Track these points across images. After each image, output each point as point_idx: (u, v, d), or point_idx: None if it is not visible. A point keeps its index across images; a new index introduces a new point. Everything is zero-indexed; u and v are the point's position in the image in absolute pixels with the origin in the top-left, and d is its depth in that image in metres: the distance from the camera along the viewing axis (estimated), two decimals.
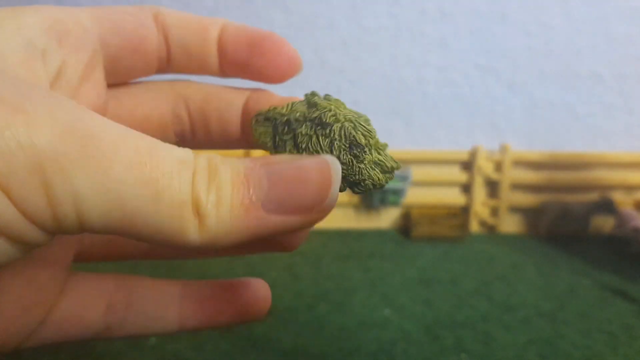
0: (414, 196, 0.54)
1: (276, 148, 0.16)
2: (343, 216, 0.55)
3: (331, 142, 0.15)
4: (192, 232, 0.12)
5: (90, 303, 0.17)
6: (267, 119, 0.16)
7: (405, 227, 0.54)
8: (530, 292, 0.42)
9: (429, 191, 0.54)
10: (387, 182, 0.16)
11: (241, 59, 0.18)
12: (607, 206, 0.52)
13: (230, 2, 0.50)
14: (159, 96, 0.19)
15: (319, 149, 0.15)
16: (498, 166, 0.53)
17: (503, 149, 0.53)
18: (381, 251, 0.49)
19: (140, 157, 0.12)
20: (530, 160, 0.53)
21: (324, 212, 0.14)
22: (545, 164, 0.54)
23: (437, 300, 0.41)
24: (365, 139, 0.15)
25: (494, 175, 0.53)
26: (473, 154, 0.53)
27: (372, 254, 0.49)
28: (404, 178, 0.52)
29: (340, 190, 0.15)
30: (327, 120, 0.15)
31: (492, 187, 0.54)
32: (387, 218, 0.55)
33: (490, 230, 0.54)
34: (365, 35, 0.51)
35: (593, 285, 0.44)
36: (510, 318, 0.38)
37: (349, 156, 0.15)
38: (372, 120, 0.16)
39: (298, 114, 0.15)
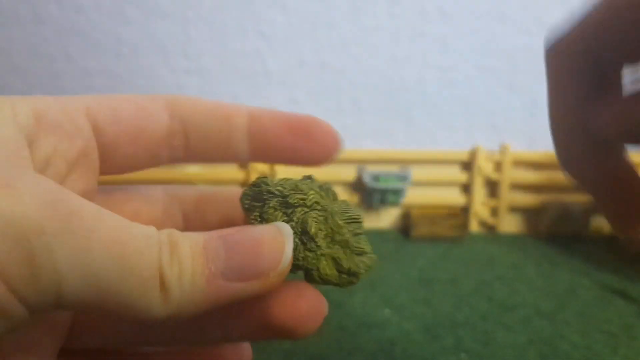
0: (414, 196, 0.54)
1: (247, 211, 0.17)
2: None
3: (288, 222, 0.16)
4: (158, 305, 0.13)
5: None
6: (253, 184, 0.17)
7: (405, 227, 0.54)
8: (530, 292, 0.42)
9: (428, 191, 0.54)
10: (342, 283, 0.16)
11: (285, 145, 0.18)
12: None
13: (230, 2, 0.50)
14: (150, 193, 0.19)
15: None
16: (498, 166, 0.53)
17: (503, 149, 0.53)
18: (381, 251, 0.49)
19: (116, 235, 0.12)
20: (530, 160, 0.53)
21: (280, 276, 0.14)
22: (545, 164, 0.54)
23: (437, 300, 0.41)
24: (322, 231, 0.16)
25: (494, 176, 0.53)
26: (473, 154, 0.53)
27: None
28: (404, 178, 0.52)
29: (292, 271, 0.15)
30: (293, 202, 0.16)
31: (492, 187, 0.54)
32: (387, 218, 0.55)
33: (490, 230, 0.54)
34: (365, 35, 0.51)
35: (593, 285, 0.44)
36: (510, 318, 0.38)
37: (296, 239, 0.16)
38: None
39: (278, 188, 0.16)
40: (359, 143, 0.54)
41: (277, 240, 0.14)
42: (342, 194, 0.54)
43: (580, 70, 0.17)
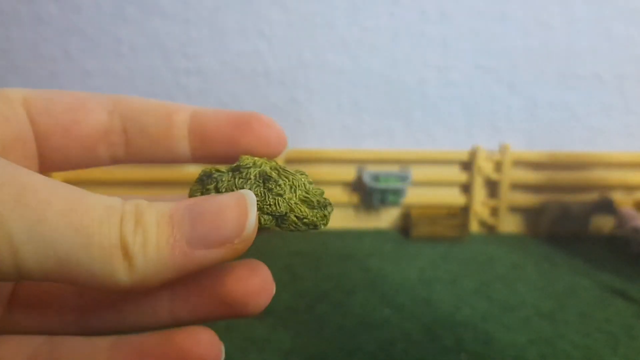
0: (414, 196, 0.54)
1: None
2: (343, 216, 0.55)
3: (245, 182, 0.16)
4: (122, 274, 0.13)
5: (11, 356, 0.16)
6: (199, 177, 0.17)
7: (405, 227, 0.54)
8: (530, 292, 0.42)
9: (428, 191, 0.54)
10: (319, 220, 0.16)
11: (226, 139, 0.18)
12: (607, 206, 0.52)
13: (230, 2, 0.50)
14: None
15: (234, 188, 0.16)
16: (498, 166, 0.53)
17: (503, 149, 0.53)
18: (381, 251, 0.50)
19: (71, 205, 0.13)
20: (530, 160, 0.53)
21: (244, 242, 0.14)
22: (545, 164, 0.54)
23: (437, 300, 0.41)
24: (285, 180, 0.16)
25: (494, 176, 0.53)
26: (473, 154, 0.53)
27: (372, 254, 0.49)
28: (404, 178, 0.52)
29: (264, 224, 0.16)
30: (243, 164, 0.16)
31: (492, 187, 0.54)
32: (387, 218, 0.55)
33: (490, 230, 0.54)
34: (365, 35, 0.51)
35: (593, 285, 0.44)
36: (510, 318, 0.38)
37: (261, 189, 0.16)
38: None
39: (223, 168, 0.17)
40: (359, 143, 0.54)
41: (240, 206, 0.14)
42: (342, 194, 0.54)
43: None
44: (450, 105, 0.53)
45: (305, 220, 0.16)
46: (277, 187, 0.16)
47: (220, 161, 0.18)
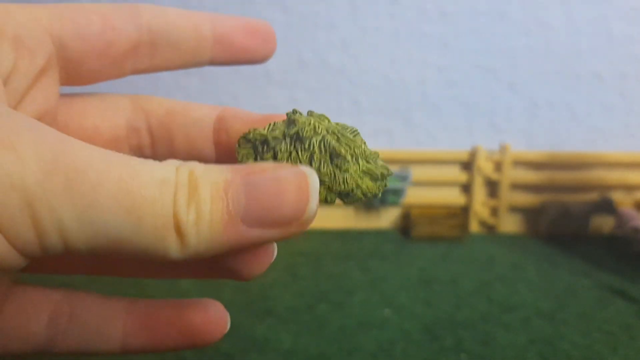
0: (414, 196, 0.54)
1: (250, 157, 0.16)
2: (343, 216, 0.55)
3: (311, 156, 0.15)
4: (174, 251, 0.13)
5: (33, 312, 0.17)
6: (247, 140, 0.16)
7: (405, 227, 0.54)
8: (530, 292, 0.42)
9: (429, 191, 0.54)
10: (380, 191, 0.16)
11: (242, 47, 0.19)
12: (607, 206, 0.52)
13: (230, 2, 0.50)
14: (113, 107, 0.19)
15: (297, 162, 0.15)
16: (498, 166, 0.53)
17: (503, 149, 0.53)
18: (381, 251, 0.50)
19: (123, 185, 0.12)
20: (530, 160, 0.53)
21: (302, 225, 0.14)
22: (545, 164, 0.54)
23: (437, 300, 0.41)
24: (349, 149, 0.15)
25: (494, 175, 0.53)
26: (473, 154, 0.53)
27: (372, 254, 0.49)
28: (404, 178, 0.52)
29: (330, 202, 0.15)
30: (306, 135, 0.15)
31: (492, 187, 0.54)
32: (387, 218, 0.55)
33: (490, 230, 0.54)
34: (365, 35, 0.51)
35: (593, 285, 0.44)
36: (510, 318, 0.38)
37: (330, 167, 0.15)
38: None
39: (277, 132, 0.16)
40: None
41: (302, 189, 0.14)
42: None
43: None
44: (450, 105, 0.53)
45: (369, 193, 0.16)
46: (345, 163, 0.15)
47: (234, 64, 0.19)
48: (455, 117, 0.54)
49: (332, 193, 0.15)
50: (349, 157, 0.15)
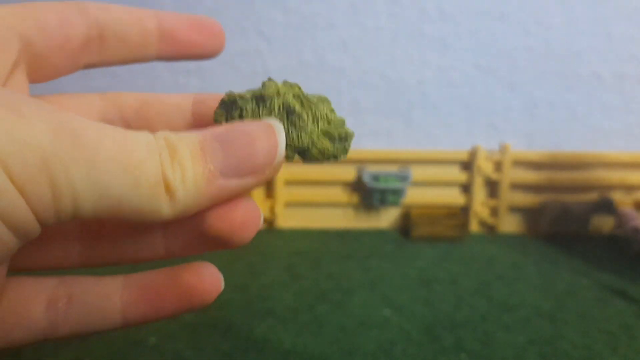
0: (414, 196, 0.54)
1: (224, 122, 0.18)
2: (343, 216, 0.55)
3: (269, 113, 0.17)
4: (166, 207, 0.14)
5: (30, 299, 0.17)
6: (223, 102, 0.18)
7: (405, 227, 0.54)
8: (530, 292, 0.42)
9: (428, 191, 0.54)
10: (339, 153, 0.17)
11: (188, 41, 0.20)
12: (607, 206, 0.52)
13: (230, 2, 0.50)
14: (85, 102, 0.19)
15: (259, 118, 0.17)
16: (498, 166, 0.53)
17: (503, 149, 0.53)
18: (381, 251, 0.50)
19: (120, 146, 0.13)
20: (530, 160, 0.53)
21: (275, 169, 0.16)
22: (545, 164, 0.54)
23: (437, 300, 0.41)
24: (309, 111, 0.17)
25: (494, 175, 0.53)
26: (473, 154, 0.53)
27: (372, 254, 0.49)
28: (404, 178, 0.52)
29: (289, 158, 0.16)
30: (267, 95, 0.17)
31: (492, 187, 0.54)
32: (387, 218, 0.55)
33: (490, 230, 0.54)
34: (365, 35, 0.51)
35: (593, 285, 0.44)
36: (510, 318, 0.38)
37: (286, 123, 0.16)
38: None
39: (247, 94, 0.17)
40: (359, 143, 0.54)
41: (270, 136, 0.15)
42: (342, 194, 0.54)
43: None
44: (450, 105, 0.53)
45: (326, 153, 0.17)
46: (300, 121, 0.16)
47: (180, 60, 0.20)
48: (455, 117, 0.54)
49: (290, 149, 0.16)
50: (304, 116, 0.16)
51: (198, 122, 0.20)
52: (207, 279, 0.18)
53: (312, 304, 0.40)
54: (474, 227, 0.54)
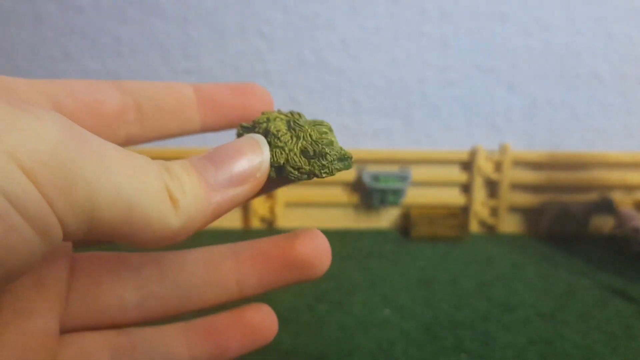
0: (414, 196, 0.54)
1: None
2: (343, 216, 0.55)
3: (255, 132, 0.18)
4: (173, 216, 0.14)
5: (93, 351, 0.17)
6: (242, 126, 0.19)
7: (405, 227, 0.54)
8: (530, 292, 0.42)
9: (428, 191, 0.54)
10: (319, 169, 0.17)
11: (234, 105, 0.20)
12: (607, 206, 0.52)
13: (230, 2, 0.50)
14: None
15: None
16: (498, 166, 0.53)
17: (503, 149, 0.53)
18: (381, 251, 0.50)
19: (123, 155, 0.14)
20: (530, 160, 0.53)
21: (264, 174, 0.16)
22: (545, 164, 0.54)
23: (437, 300, 0.41)
24: (293, 132, 0.17)
25: (494, 176, 0.53)
26: (473, 154, 0.53)
27: (372, 254, 0.49)
28: (404, 178, 0.52)
29: (271, 176, 0.17)
30: (258, 121, 0.18)
31: (492, 187, 0.54)
32: (387, 218, 0.55)
33: (490, 230, 0.54)
34: (365, 35, 0.51)
35: (593, 285, 0.44)
36: (510, 318, 0.38)
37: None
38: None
39: (250, 124, 0.19)
40: (359, 143, 0.54)
41: (253, 145, 0.16)
42: (342, 194, 0.54)
43: None
44: (450, 105, 0.53)
45: (301, 169, 0.17)
46: (277, 141, 0.17)
47: (227, 127, 0.20)
48: (455, 117, 0.54)
49: (270, 167, 0.17)
50: (282, 136, 0.17)
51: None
52: (267, 317, 0.19)
53: (312, 304, 0.40)
54: (474, 227, 0.54)
